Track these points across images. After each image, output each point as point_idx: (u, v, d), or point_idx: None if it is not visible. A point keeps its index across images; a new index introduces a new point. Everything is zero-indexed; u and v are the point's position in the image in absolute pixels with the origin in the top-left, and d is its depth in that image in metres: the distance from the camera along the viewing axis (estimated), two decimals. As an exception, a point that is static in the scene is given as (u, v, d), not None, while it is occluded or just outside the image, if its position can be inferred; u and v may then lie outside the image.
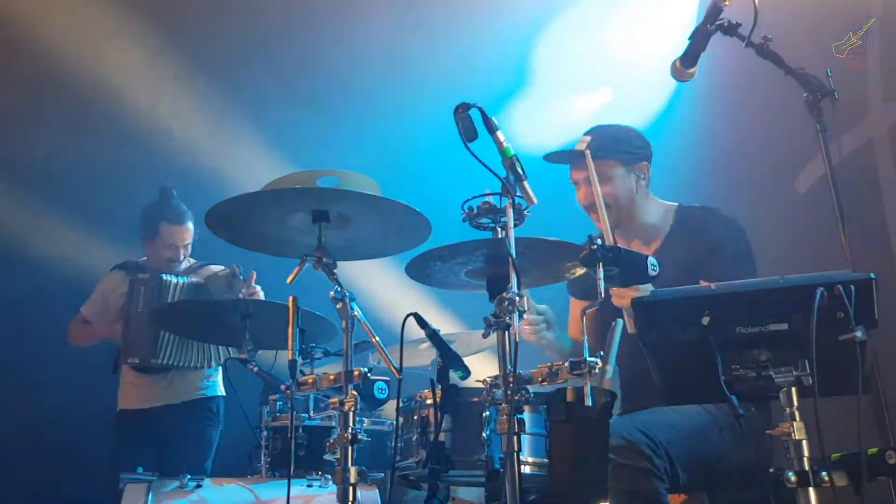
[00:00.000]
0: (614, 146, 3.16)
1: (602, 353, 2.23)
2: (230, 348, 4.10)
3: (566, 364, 2.19)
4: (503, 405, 2.16)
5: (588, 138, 3.13)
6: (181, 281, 4.22)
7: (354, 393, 2.46)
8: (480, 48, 5.64)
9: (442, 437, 2.35)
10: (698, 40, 2.65)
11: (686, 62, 2.69)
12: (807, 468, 1.86)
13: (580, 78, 5.70)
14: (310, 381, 2.60)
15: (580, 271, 2.54)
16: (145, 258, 4.53)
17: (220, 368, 4.44)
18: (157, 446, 4.21)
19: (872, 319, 1.88)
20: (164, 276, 4.17)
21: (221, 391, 4.46)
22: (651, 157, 3.26)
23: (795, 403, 1.92)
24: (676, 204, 3.25)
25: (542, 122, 5.53)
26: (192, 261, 4.56)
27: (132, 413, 4.34)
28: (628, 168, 3.16)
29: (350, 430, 2.42)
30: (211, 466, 4.26)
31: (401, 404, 2.54)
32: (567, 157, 3.17)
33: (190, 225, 4.44)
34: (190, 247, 4.48)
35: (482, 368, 2.65)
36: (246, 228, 2.66)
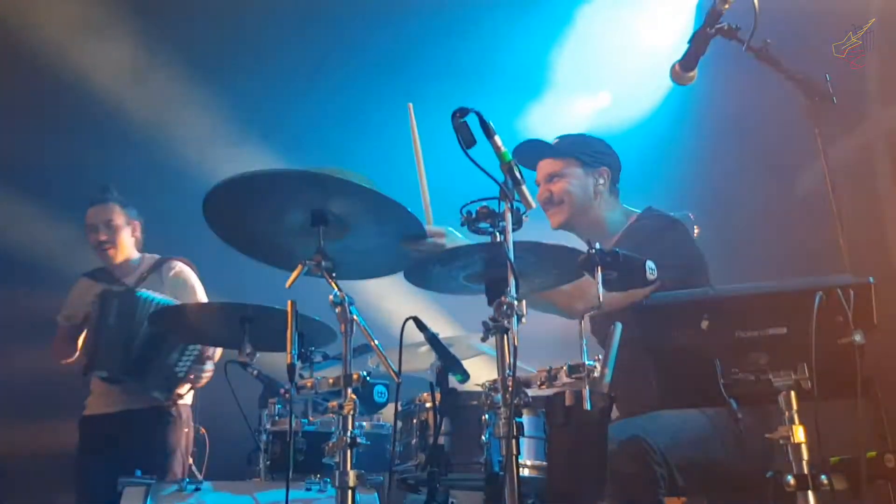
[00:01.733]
0: (575, 147, 3.29)
1: (600, 356, 2.23)
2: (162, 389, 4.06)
3: (565, 367, 2.19)
4: (502, 409, 2.16)
5: (556, 141, 3.30)
6: (155, 301, 4.08)
7: (353, 396, 2.46)
8: (481, 50, 5.65)
9: (441, 440, 2.35)
10: (698, 44, 2.66)
11: (685, 66, 2.70)
12: (806, 472, 1.86)
13: (578, 82, 5.72)
14: (309, 384, 2.60)
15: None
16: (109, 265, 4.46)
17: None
18: (118, 450, 4.15)
19: (871, 323, 1.88)
20: (139, 293, 4.08)
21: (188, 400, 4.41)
22: (614, 167, 3.30)
23: (794, 407, 1.92)
24: (638, 211, 3.27)
25: (541, 126, 5.53)
26: (151, 256, 4.50)
27: (95, 419, 4.30)
28: (587, 170, 3.25)
29: (349, 434, 2.42)
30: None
31: (400, 408, 2.54)
32: (530, 150, 3.26)
33: (114, 205, 4.39)
34: (123, 233, 4.38)
35: (481, 372, 2.65)
36: (242, 223, 2.62)
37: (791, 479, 1.86)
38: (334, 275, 2.54)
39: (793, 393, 1.92)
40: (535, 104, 5.74)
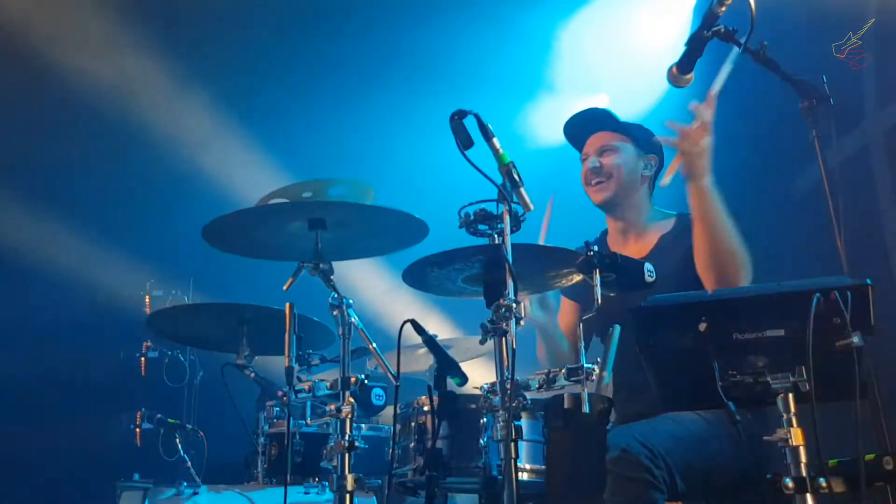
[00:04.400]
0: (631, 128, 3.29)
1: (599, 359, 2.23)
2: None
3: (563, 370, 2.19)
4: (500, 412, 2.16)
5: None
6: None
7: (351, 399, 2.45)
8: (479, 52, 5.65)
9: (439, 443, 2.35)
10: (694, 46, 2.66)
11: (682, 68, 2.70)
12: (804, 474, 1.86)
13: (576, 84, 5.72)
14: (307, 387, 2.60)
15: (577, 278, 2.54)
16: None
17: None
18: None
19: (869, 325, 1.88)
20: None
21: None
22: (662, 159, 3.31)
23: (793, 409, 1.91)
24: (676, 213, 3.27)
25: (537, 130, 5.54)
26: None
27: None
28: (639, 151, 3.25)
29: (347, 437, 2.41)
30: None
31: (398, 411, 2.54)
32: (589, 118, 3.31)
33: None
34: None
35: (479, 375, 2.65)
36: (242, 239, 2.68)
37: (789, 482, 1.85)
38: (332, 278, 2.55)
39: (791, 395, 1.92)
40: (533, 106, 5.74)
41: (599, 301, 2.22)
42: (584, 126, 3.32)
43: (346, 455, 2.40)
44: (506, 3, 5.62)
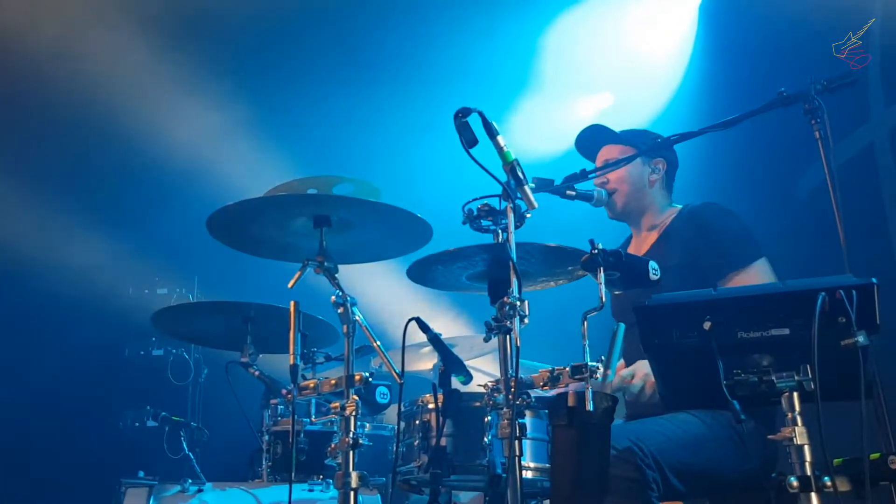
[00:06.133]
0: (634, 136, 3.30)
1: (603, 357, 2.22)
2: None
3: (567, 368, 2.19)
4: (505, 410, 2.16)
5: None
6: None
7: (356, 397, 2.46)
8: (481, 52, 5.65)
9: (443, 441, 2.35)
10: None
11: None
12: (809, 473, 1.86)
13: (580, 82, 5.71)
14: (311, 385, 2.60)
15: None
16: None
17: None
18: None
19: (874, 324, 1.88)
20: None
21: None
22: (671, 161, 3.32)
23: (797, 408, 1.91)
24: (682, 204, 3.29)
25: (541, 127, 5.53)
26: None
27: None
28: (644, 158, 3.25)
29: (351, 435, 2.42)
30: None
31: (402, 409, 2.54)
32: (592, 136, 3.33)
33: None
34: None
35: (484, 373, 2.65)
36: (247, 233, 2.67)
37: (794, 481, 1.85)
38: (337, 276, 2.55)
39: (796, 394, 1.92)
40: (536, 105, 5.73)
41: (604, 299, 2.22)
42: (590, 143, 3.36)
43: (351, 453, 2.40)
44: (511, 3, 5.63)
